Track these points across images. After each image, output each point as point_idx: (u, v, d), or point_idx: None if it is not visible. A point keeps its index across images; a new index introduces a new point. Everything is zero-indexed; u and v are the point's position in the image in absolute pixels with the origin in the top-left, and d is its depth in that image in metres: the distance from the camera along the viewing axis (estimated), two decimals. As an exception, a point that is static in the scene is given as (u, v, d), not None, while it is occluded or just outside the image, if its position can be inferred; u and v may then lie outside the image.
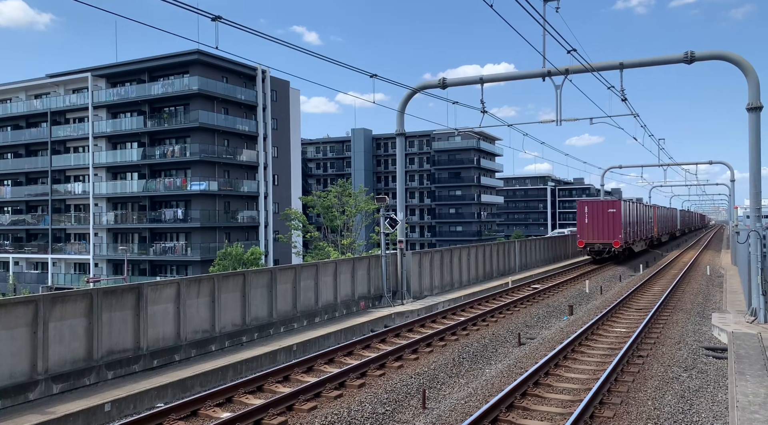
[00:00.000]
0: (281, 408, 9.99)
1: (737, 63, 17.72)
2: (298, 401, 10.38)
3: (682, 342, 15.65)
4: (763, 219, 68.09)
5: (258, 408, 9.66)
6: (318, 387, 11.05)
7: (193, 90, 52.87)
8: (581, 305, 23.10)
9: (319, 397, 10.86)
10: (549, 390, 11.33)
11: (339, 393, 11.04)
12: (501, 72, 21.15)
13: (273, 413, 9.74)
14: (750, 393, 10.35)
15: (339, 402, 10.68)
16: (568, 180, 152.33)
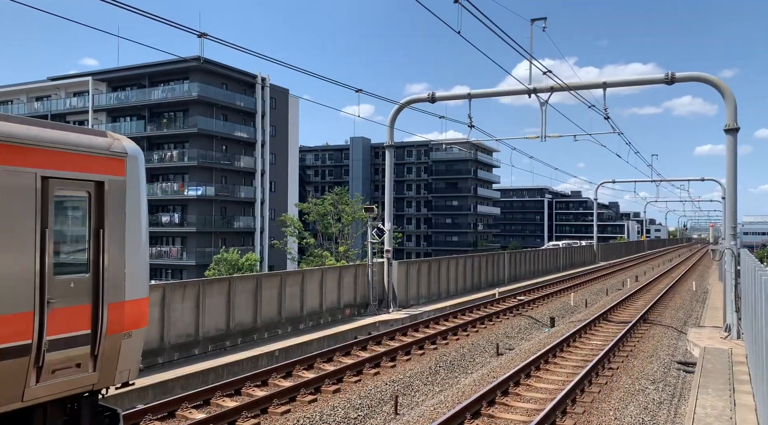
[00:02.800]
0: (255, 411, 10.38)
1: (716, 85, 18.23)
2: (272, 404, 10.75)
3: (655, 356, 16.05)
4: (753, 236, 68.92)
5: (232, 410, 10.05)
6: (293, 391, 11.44)
7: (192, 96, 53.46)
8: (564, 317, 23.50)
9: (293, 401, 11.24)
10: (517, 399, 11.73)
11: (314, 398, 11.42)
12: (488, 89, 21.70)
13: (247, 415, 10.12)
14: (709, 405, 10.75)
15: (312, 406, 11.07)
16: (565, 193, 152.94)
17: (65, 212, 6.94)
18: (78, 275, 6.82)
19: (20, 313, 6.15)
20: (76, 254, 6.96)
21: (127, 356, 7.28)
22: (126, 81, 58.64)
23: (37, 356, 6.27)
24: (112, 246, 7.12)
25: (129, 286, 7.31)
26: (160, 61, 55.55)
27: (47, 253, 6.43)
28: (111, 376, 7.15)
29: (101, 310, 6.96)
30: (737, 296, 16.85)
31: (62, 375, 6.55)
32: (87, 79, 59.03)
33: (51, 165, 6.47)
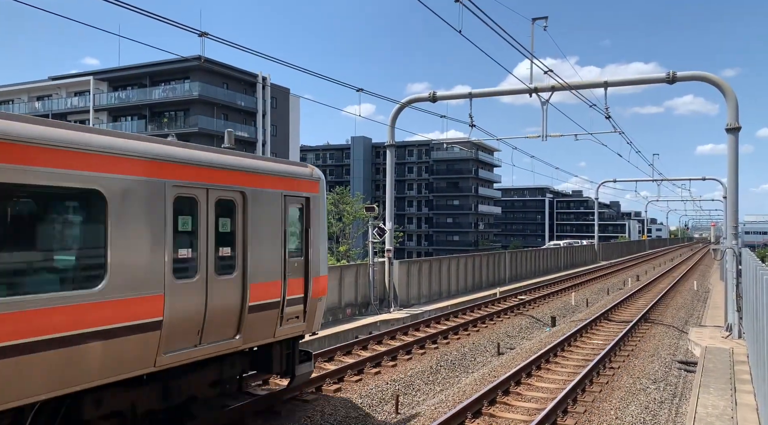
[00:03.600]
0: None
1: (717, 84, 18.22)
2: (276, 404, 10.75)
3: (656, 355, 16.04)
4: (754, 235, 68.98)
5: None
6: (293, 391, 11.42)
7: (193, 96, 53.51)
8: (565, 316, 23.50)
9: (294, 400, 11.24)
10: (518, 399, 11.72)
11: (315, 397, 11.42)
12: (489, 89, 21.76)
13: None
14: (710, 405, 10.74)
15: (314, 405, 11.07)
16: (566, 192, 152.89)
17: (293, 217, 9.99)
18: (298, 258, 10.03)
19: (277, 281, 9.44)
20: (297, 245, 10.13)
21: (317, 314, 10.52)
22: (127, 80, 58.71)
23: (282, 309, 9.50)
24: (313, 240, 10.32)
25: (321, 266, 10.55)
26: (161, 60, 55.63)
27: (287, 243, 9.66)
28: (310, 327, 10.41)
29: (308, 282, 10.16)
30: (738, 296, 16.84)
31: (290, 323, 9.78)
32: (88, 78, 59.09)
33: (287, 187, 9.77)
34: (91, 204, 6.87)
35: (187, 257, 7.94)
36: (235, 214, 8.77)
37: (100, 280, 6.74)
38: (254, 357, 9.85)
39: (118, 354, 6.95)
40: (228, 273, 8.55)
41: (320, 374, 12.53)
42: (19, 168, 5.96)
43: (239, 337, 8.69)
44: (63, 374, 6.40)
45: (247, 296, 8.77)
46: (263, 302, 9.11)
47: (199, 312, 8.00)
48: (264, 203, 9.21)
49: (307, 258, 10.16)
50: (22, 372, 6.00)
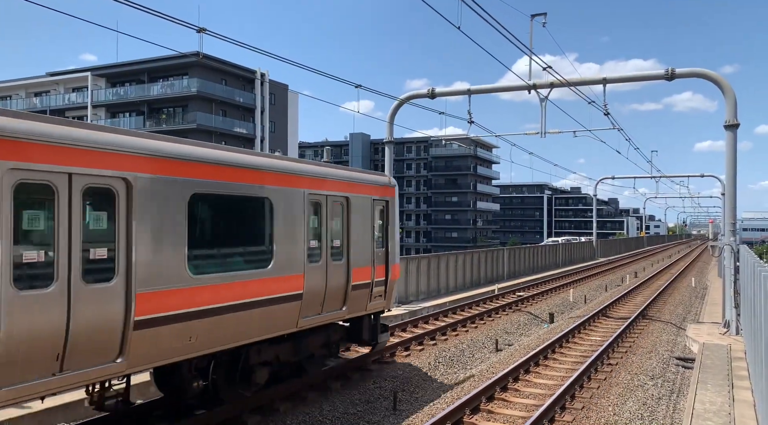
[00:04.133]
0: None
1: (716, 81, 18.21)
2: (275, 401, 10.75)
3: (654, 352, 16.08)
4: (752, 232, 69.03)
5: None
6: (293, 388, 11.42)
7: (192, 92, 53.42)
8: (563, 313, 23.53)
9: (295, 398, 11.24)
10: (516, 395, 11.75)
11: (318, 394, 11.42)
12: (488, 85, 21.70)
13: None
14: (707, 401, 10.76)
15: (312, 401, 11.08)
16: (565, 189, 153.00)
17: (378, 216, 12.61)
18: (381, 249, 12.64)
19: (368, 267, 12.09)
20: (380, 238, 12.73)
21: (393, 294, 13.59)
22: (125, 77, 58.58)
23: (371, 288, 12.19)
24: (391, 234, 12.98)
25: (396, 256, 13.20)
26: (159, 56, 55.50)
27: (375, 236, 12.35)
28: (389, 304, 13.21)
29: (388, 268, 12.86)
30: (736, 292, 16.86)
31: (376, 300, 12.46)
32: (86, 74, 58.95)
33: (374, 193, 12.49)
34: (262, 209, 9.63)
35: (315, 247, 10.65)
36: (342, 214, 11.47)
37: (269, 262, 9.51)
38: (348, 329, 12.58)
39: (275, 316, 9.67)
40: (339, 260, 11.24)
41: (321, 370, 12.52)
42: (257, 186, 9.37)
43: (345, 309, 11.42)
44: (263, 326, 9.40)
45: (350, 277, 11.48)
46: (360, 282, 11.81)
47: (322, 288, 10.69)
48: (360, 206, 11.89)
49: (387, 249, 12.93)
50: (238, 323, 8.83)
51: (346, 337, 12.53)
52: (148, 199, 7.36)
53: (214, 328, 8.32)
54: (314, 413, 10.50)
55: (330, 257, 10.89)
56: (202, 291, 8.12)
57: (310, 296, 10.25)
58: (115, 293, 6.99)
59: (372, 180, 12.54)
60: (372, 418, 10.73)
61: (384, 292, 12.66)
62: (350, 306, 11.45)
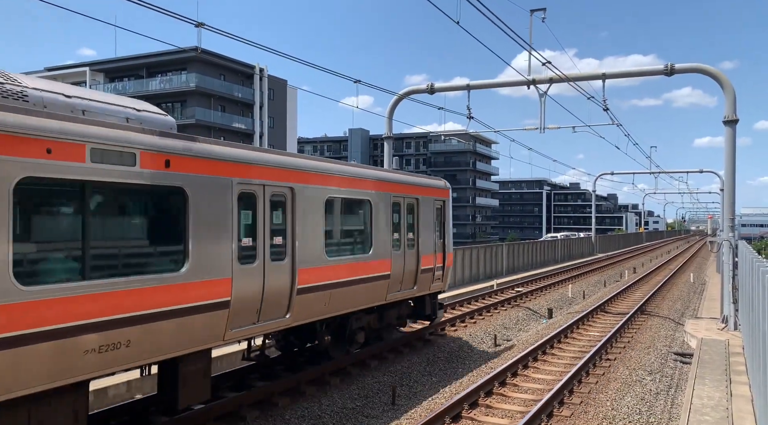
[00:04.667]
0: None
1: (715, 76, 18.20)
2: (273, 397, 10.76)
3: (652, 347, 16.11)
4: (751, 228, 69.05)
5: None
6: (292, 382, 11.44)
7: (190, 87, 53.31)
8: (562, 308, 23.56)
9: (296, 392, 11.26)
10: (514, 390, 11.78)
11: (315, 389, 11.43)
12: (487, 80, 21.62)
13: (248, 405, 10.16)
14: (705, 396, 10.80)
15: (311, 396, 11.10)
16: (564, 184, 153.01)
17: (438, 213, 15.14)
18: (439, 240, 15.08)
19: (431, 254, 14.58)
20: (438, 231, 15.05)
21: (448, 278, 15.89)
22: (123, 72, 58.45)
23: (434, 272, 14.73)
24: (447, 228, 15.53)
25: (450, 246, 15.73)
26: (158, 51, 55.37)
27: (436, 229, 14.86)
28: (445, 286, 15.75)
29: (445, 256, 15.37)
30: (734, 288, 16.89)
31: (437, 282, 15.12)
32: (84, 69, 58.81)
33: (435, 194, 14.96)
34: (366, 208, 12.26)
35: (396, 238, 13.14)
36: (414, 212, 13.98)
37: (369, 249, 12.13)
38: (414, 306, 15.10)
39: (370, 292, 12.19)
40: (411, 249, 13.80)
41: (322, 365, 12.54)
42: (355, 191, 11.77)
43: (415, 288, 14.06)
44: (358, 298, 11.87)
45: (419, 263, 14.08)
46: (426, 267, 14.42)
47: (401, 271, 13.22)
48: (426, 205, 14.47)
49: (444, 241, 15.39)
50: (352, 294, 11.57)
51: (412, 313, 15.19)
52: (303, 202, 10.25)
53: (339, 297, 11.15)
54: (313, 408, 10.52)
55: (406, 246, 13.57)
56: (334, 270, 10.97)
57: (394, 276, 12.99)
58: (286, 268, 9.92)
59: (433, 184, 15.30)
60: (371, 412, 10.76)
61: (442, 275, 15.43)
62: (419, 286, 14.25)
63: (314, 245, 10.48)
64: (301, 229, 10.12)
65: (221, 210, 8.48)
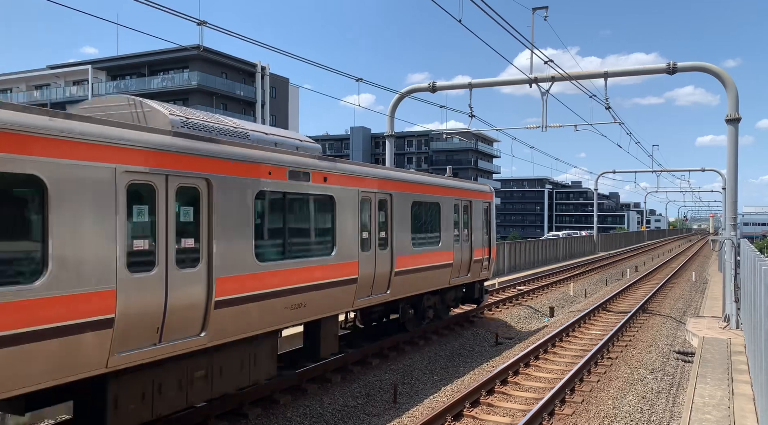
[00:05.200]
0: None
1: (717, 75, 18.16)
2: (274, 394, 10.78)
3: (654, 346, 16.10)
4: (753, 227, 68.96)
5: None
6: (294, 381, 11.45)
7: (192, 85, 53.32)
8: (563, 307, 23.55)
9: (296, 390, 11.28)
10: (516, 389, 11.78)
11: (317, 387, 11.46)
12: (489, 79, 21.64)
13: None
14: (707, 395, 10.80)
15: (312, 394, 11.12)
16: (566, 183, 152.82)
17: (485, 212, 17.78)
18: (486, 236, 17.69)
19: (480, 248, 17.25)
20: (486, 228, 17.80)
21: (492, 267, 18.43)
22: (125, 70, 58.47)
23: (482, 263, 17.42)
24: (492, 227, 18.22)
25: (494, 241, 18.42)
26: (160, 49, 55.38)
27: (483, 227, 17.55)
28: (489, 274, 18.37)
29: (491, 249, 18.06)
30: (736, 287, 16.87)
31: (484, 271, 17.68)
32: (86, 67, 58.84)
33: (483, 197, 17.61)
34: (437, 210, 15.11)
35: (458, 234, 16.04)
36: (468, 212, 16.72)
37: (439, 242, 14.94)
38: (465, 291, 17.79)
39: (439, 277, 15.03)
40: (467, 242, 16.51)
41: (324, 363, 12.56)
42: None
43: (469, 275, 16.84)
44: (426, 282, 14.46)
45: (473, 254, 16.82)
46: (477, 258, 17.21)
47: (460, 260, 16.02)
48: (477, 206, 17.27)
49: (489, 236, 18.20)
50: (426, 278, 14.34)
51: (463, 296, 17.78)
52: (397, 204, 13.01)
53: (419, 279, 13.98)
54: (315, 405, 10.54)
55: (463, 240, 16.27)
56: (418, 258, 13.84)
57: (455, 265, 15.80)
58: (388, 256, 12.68)
59: (481, 189, 18.19)
60: (372, 410, 10.78)
61: (488, 266, 18.21)
62: (471, 274, 16.99)
63: (405, 238, 13.40)
64: (396, 225, 13.00)
65: (353, 209, 11.55)
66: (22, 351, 6.11)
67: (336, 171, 11.14)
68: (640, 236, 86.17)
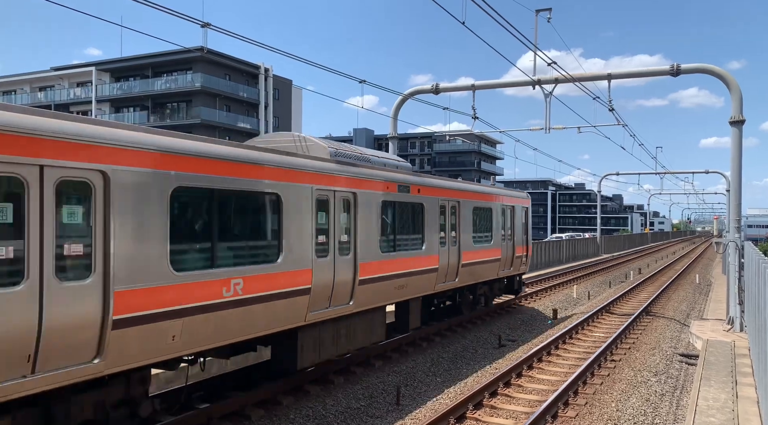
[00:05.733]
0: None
1: (721, 77, 18.12)
2: (277, 396, 10.78)
3: (657, 348, 16.06)
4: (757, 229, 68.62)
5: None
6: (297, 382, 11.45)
7: (196, 87, 53.42)
8: (566, 309, 23.50)
9: (298, 392, 11.28)
10: (519, 391, 11.76)
11: (319, 388, 11.46)
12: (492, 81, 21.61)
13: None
14: (711, 397, 10.76)
15: (315, 395, 11.11)
16: (569, 185, 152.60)
17: (524, 215, 20.99)
18: (524, 236, 20.80)
19: (520, 246, 20.36)
20: (524, 229, 20.96)
21: (528, 263, 21.48)
22: (129, 71, 58.61)
23: (521, 258, 20.69)
24: (528, 227, 21.22)
25: (530, 240, 21.47)
26: (164, 51, 55.48)
27: (522, 228, 20.77)
28: (526, 269, 21.40)
29: (528, 248, 21.23)
30: (740, 289, 16.82)
31: (523, 266, 20.99)
32: (90, 69, 59.02)
33: (523, 203, 21.01)
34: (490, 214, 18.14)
35: (503, 233, 18.93)
36: (513, 216, 19.81)
37: (491, 240, 17.92)
38: (506, 283, 20.73)
39: (490, 269, 17.96)
40: (510, 241, 19.49)
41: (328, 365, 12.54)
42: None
43: (511, 269, 19.65)
44: (481, 273, 17.48)
45: (514, 251, 19.79)
46: (518, 254, 20.13)
47: (504, 256, 18.96)
48: (517, 210, 20.23)
49: (527, 237, 21.13)
50: (482, 269, 17.48)
51: (505, 287, 20.73)
52: (462, 210, 16.06)
53: (477, 271, 17.20)
54: (317, 407, 10.53)
55: (507, 239, 19.30)
56: (477, 253, 16.97)
57: (502, 260, 18.80)
58: (456, 251, 15.68)
59: (520, 195, 21.26)
60: (375, 412, 10.76)
61: (526, 261, 21.38)
62: (513, 268, 19.93)
63: (468, 237, 16.50)
64: (462, 226, 16.03)
65: (436, 214, 14.70)
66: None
67: (425, 185, 14.41)
68: (643, 239, 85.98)
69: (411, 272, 13.33)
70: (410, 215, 13.72)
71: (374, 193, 12.13)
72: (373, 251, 11.98)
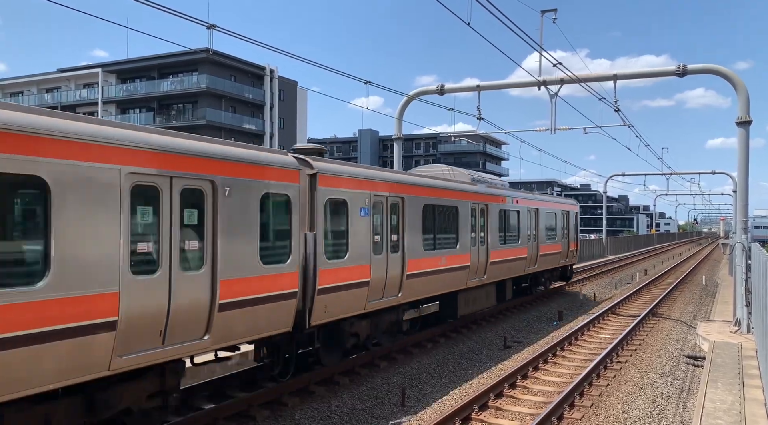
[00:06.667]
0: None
1: (728, 77, 18.04)
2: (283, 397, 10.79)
3: (664, 350, 15.99)
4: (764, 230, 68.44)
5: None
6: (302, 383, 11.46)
7: (201, 88, 53.58)
8: (572, 310, 23.42)
9: (303, 393, 11.29)
10: (524, 392, 11.73)
11: (325, 389, 11.46)
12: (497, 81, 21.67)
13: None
14: (718, 399, 10.70)
15: (320, 396, 11.11)
16: (575, 186, 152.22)
17: (574, 218, 26.87)
18: (575, 235, 26.98)
19: (572, 242, 26.28)
20: (574, 229, 26.86)
21: (577, 256, 27.67)
22: (135, 73, 58.84)
23: (574, 252, 26.94)
24: (577, 227, 27.01)
25: (578, 237, 27.83)
26: (170, 52, 55.67)
27: (571, 228, 26.37)
28: (575, 260, 27.41)
29: (577, 243, 27.53)
30: (747, 290, 16.73)
31: (571, 258, 26.59)
32: (97, 70, 59.29)
33: (571, 208, 26.60)
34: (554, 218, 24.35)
35: (562, 232, 24.67)
36: (567, 219, 25.23)
37: (555, 238, 24.02)
38: (560, 272, 25.99)
39: (555, 259, 24.28)
40: (566, 238, 25.10)
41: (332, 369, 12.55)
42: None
43: (566, 260, 25.49)
44: (552, 262, 24.23)
45: (569, 246, 25.40)
46: (571, 249, 25.61)
47: (564, 250, 24.71)
48: (571, 215, 25.46)
49: (577, 235, 26.45)
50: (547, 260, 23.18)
51: (559, 275, 26.06)
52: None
53: (547, 260, 22.35)
54: (323, 408, 10.53)
55: (565, 237, 24.66)
56: (548, 247, 21.85)
57: (562, 253, 24.06)
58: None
59: (569, 202, 26.22)
60: (380, 413, 10.76)
61: (575, 254, 26.39)
62: (567, 259, 25.05)
63: (544, 235, 21.76)
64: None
65: (529, 219, 20.70)
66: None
67: (521, 198, 19.79)
68: (649, 240, 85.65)
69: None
70: (512, 220, 19.59)
71: (498, 205, 18.30)
72: (497, 244, 18.11)
